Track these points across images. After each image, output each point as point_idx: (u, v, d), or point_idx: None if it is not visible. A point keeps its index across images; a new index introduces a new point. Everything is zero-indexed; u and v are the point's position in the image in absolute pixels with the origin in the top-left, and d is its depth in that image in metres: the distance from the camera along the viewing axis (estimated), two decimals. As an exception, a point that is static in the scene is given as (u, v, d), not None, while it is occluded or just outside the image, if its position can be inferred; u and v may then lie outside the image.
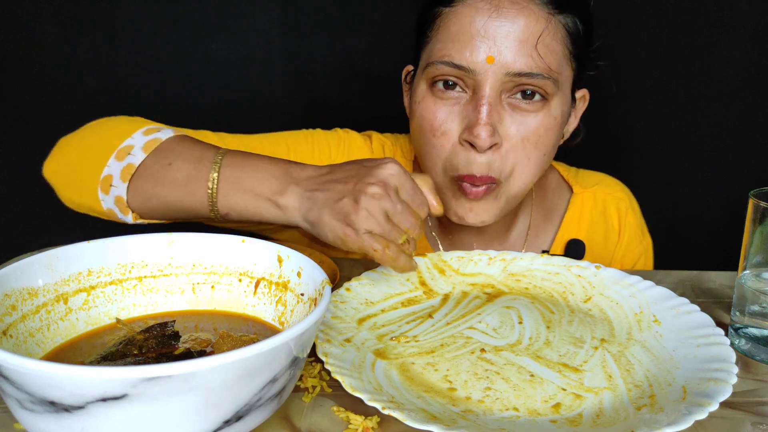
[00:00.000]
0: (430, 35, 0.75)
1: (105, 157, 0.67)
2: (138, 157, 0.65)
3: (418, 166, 0.89)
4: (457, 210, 0.77)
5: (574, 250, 0.87)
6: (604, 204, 0.91)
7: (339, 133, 0.90)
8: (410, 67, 0.84)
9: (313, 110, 1.27)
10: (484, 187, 0.74)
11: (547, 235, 0.90)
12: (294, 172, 0.61)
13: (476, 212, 0.76)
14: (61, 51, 1.19)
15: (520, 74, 0.70)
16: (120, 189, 0.66)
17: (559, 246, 0.89)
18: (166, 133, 0.68)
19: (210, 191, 0.62)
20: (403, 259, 0.59)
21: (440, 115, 0.74)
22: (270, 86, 1.25)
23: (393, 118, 0.98)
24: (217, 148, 0.65)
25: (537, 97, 0.72)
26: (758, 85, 1.25)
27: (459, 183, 0.75)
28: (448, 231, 0.89)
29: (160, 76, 1.22)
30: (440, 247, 0.89)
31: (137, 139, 0.67)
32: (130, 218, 0.68)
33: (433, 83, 0.74)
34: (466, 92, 0.73)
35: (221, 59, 1.22)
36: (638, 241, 0.93)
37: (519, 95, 0.72)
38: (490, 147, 0.72)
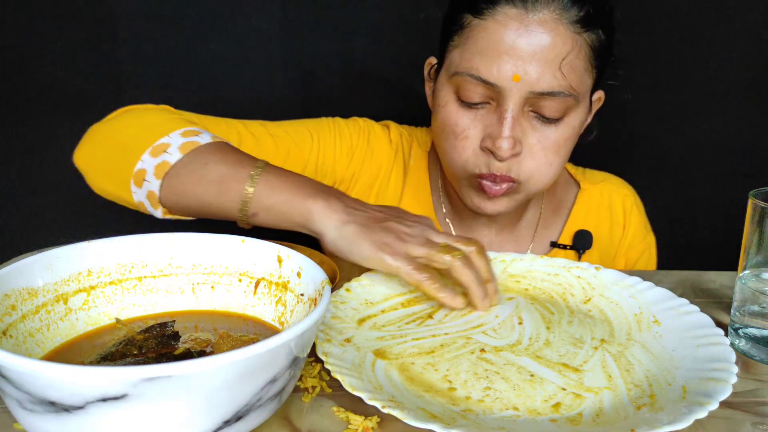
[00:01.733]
0: (458, 41, 0.76)
1: (139, 152, 0.67)
2: (175, 157, 0.66)
3: (435, 157, 0.91)
4: (474, 200, 0.80)
5: (582, 240, 0.90)
6: (610, 199, 0.94)
7: (359, 122, 0.92)
8: (433, 60, 0.84)
9: (313, 110, 1.27)
10: (505, 186, 0.77)
11: (556, 226, 0.93)
12: (332, 202, 0.63)
13: (494, 203, 0.79)
14: (61, 51, 1.19)
15: (543, 93, 0.72)
16: (153, 185, 0.66)
17: (567, 237, 0.92)
18: (205, 138, 0.68)
19: (242, 203, 0.64)
20: (450, 293, 0.62)
21: (463, 122, 0.76)
22: (270, 86, 1.25)
23: (393, 119, 0.98)
24: (255, 160, 0.66)
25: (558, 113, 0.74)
26: (758, 85, 1.25)
27: (479, 180, 0.77)
28: (461, 218, 0.91)
29: (160, 76, 1.22)
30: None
31: (174, 138, 0.68)
32: (159, 213, 0.69)
33: (458, 93, 0.76)
34: (490, 103, 0.75)
35: (221, 59, 1.22)
36: (642, 237, 0.95)
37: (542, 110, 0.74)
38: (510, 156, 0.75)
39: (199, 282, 0.57)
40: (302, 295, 0.52)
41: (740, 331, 0.61)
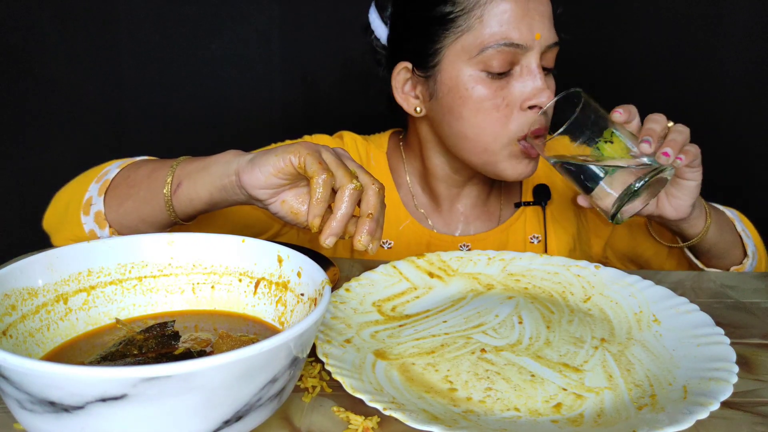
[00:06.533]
0: (467, 25, 0.81)
1: (87, 185, 0.74)
2: (113, 173, 0.72)
3: (396, 156, 0.96)
4: (517, 168, 0.83)
5: (541, 194, 0.95)
6: None
7: (305, 139, 0.94)
8: (406, 64, 0.87)
9: (313, 110, 1.27)
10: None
11: (516, 188, 0.98)
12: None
13: (532, 164, 0.84)
14: (61, 51, 1.19)
15: (551, 46, 0.82)
16: (98, 204, 0.71)
17: (528, 195, 0.97)
18: (138, 158, 0.77)
19: (169, 178, 0.66)
20: (321, 209, 0.56)
21: (499, 93, 0.81)
22: (270, 86, 1.25)
23: (392, 118, 0.98)
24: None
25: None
26: (758, 85, 1.26)
27: (523, 142, 0.82)
28: (435, 205, 0.95)
29: (161, 76, 1.22)
30: (429, 222, 0.94)
31: (113, 166, 0.74)
32: (107, 232, 0.72)
33: (487, 69, 0.80)
34: (512, 69, 0.81)
35: (221, 60, 1.22)
36: None
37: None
38: None
39: (199, 282, 0.57)
40: (302, 294, 0.52)
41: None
